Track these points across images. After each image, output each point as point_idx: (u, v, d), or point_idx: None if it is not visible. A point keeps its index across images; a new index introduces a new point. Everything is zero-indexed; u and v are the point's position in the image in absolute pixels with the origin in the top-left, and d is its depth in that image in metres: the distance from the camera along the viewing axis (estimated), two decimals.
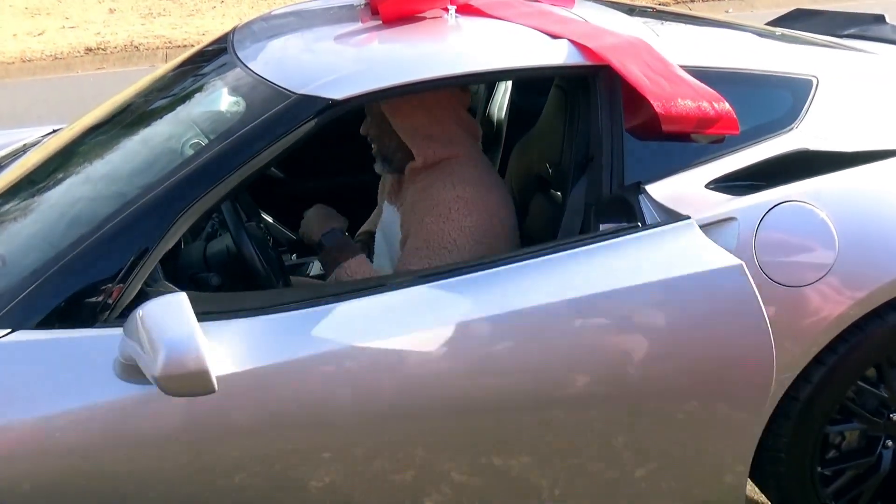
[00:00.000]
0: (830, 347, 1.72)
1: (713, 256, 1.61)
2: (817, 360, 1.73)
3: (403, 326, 1.53)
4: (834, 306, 1.69)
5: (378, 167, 2.01)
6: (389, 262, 2.02)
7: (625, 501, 1.78)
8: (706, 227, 1.66)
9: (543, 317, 1.57)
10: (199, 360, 1.31)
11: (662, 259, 1.61)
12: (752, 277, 1.63)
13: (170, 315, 1.35)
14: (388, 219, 2.04)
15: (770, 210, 1.68)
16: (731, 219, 1.67)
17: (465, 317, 1.55)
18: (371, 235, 2.21)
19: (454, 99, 1.93)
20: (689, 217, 1.66)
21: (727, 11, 8.43)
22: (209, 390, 1.35)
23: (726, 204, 1.69)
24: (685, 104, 1.70)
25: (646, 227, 1.64)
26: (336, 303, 1.55)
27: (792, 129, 1.82)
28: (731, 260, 1.60)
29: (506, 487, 1.69)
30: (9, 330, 1.47)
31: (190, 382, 1.32)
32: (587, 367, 1.60)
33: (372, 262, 2.03)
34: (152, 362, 1.31)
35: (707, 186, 1.73)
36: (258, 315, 1.53)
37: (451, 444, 1.60)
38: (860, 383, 1.83)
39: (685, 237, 1.63)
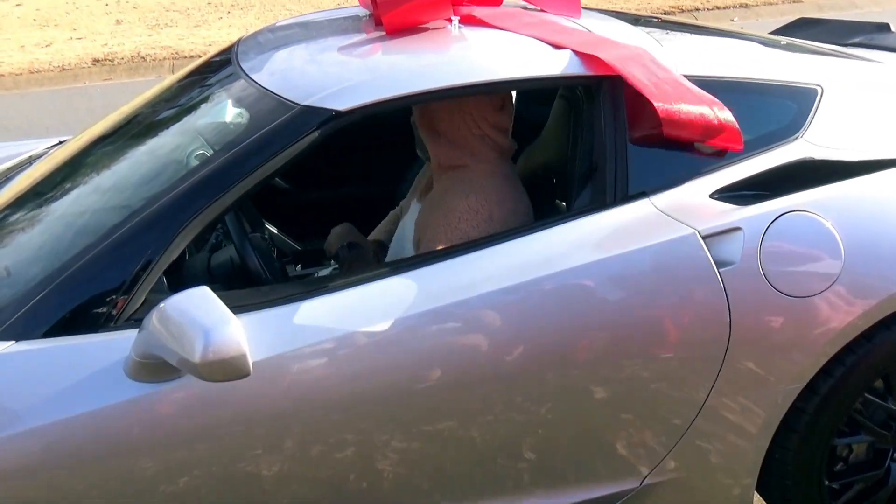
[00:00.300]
0: (837, 358, 1.71)
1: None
2: (824, 371, 1.72)
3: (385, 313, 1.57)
4: (840, 317, 1.68)
5: (419, 151, 2.09)
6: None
7: None
8: (711, 237, 1.66)
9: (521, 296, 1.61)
10: (238, 344, 1.34)
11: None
12: (758, 288, 1.62)
13: (200, 304, 1.38)
14: (408, 215, 2.06)
15: (775, 220, 1.68)
16: (736, 229, 1.67)
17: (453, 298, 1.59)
18: (380, 244, 2.22)
19: (480, 112, 1.92)
20: (693, 229, 1.65)
21: (732, 20, 8.44)
22: (245, 373, 1.37)
23: (731, 214, 1.69)
24: (688, 109, 1.70)
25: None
26: (311, 298, 1.58)
27: (797, 138, 1.81)
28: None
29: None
30: (12, 342, 1.48)
31: (229, 366, 1.35)
32: (567, 357, 1.64)
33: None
34: (190, 351, 1.33)
35: (712, 196, 1.73)
36: (260, 309, 1.55)
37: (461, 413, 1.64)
38: (868, 395, 1.82)
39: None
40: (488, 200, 1.84)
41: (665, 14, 8.66)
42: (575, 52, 1.78)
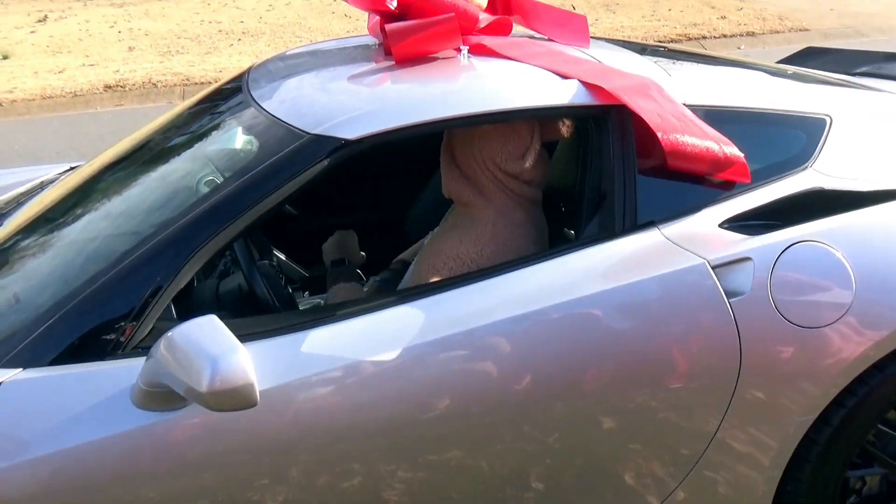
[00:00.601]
0: (849, 389, 1.70)
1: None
2: (836, 402, 1.70)
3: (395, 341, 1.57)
4: (852, 347, 1.66)
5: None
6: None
7: None
8: (720, 267, 1.65)
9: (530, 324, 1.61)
10: (246, 373, 1.34)
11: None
12: (768, 319, 1.61)
13: (208, 333, 1.38)
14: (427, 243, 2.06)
15: (785, 250, 1.67)
16: (746, 259, 1.66)
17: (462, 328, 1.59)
18: (405, 264, 2.21)
19: (490, 155, 1.87)
20: (702, 258, 1.65)
21: (739, 48, 8.48)
22: (252, 403, 1.37)
23: (741, 244, 1.68)
24: (693, 142, 1.70)
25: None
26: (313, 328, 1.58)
27: (806, 168, 1.81)
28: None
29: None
30: (19, 369, 1.48)
31: (237, 396, 1.35)
32: (585, 384, 1.63)
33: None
34: (197, 380, 1.33)
35: (721, 226, 1.72)
36: (268, 338, 1.55)
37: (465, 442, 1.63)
38: (881, 426, 1.80)
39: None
40: (479, 253, 1.82)
41: (672, 42, 8.71)
42: (583, 82, 1.79)
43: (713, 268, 1.65)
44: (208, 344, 1.35)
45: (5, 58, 8.89)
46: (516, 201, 1.90)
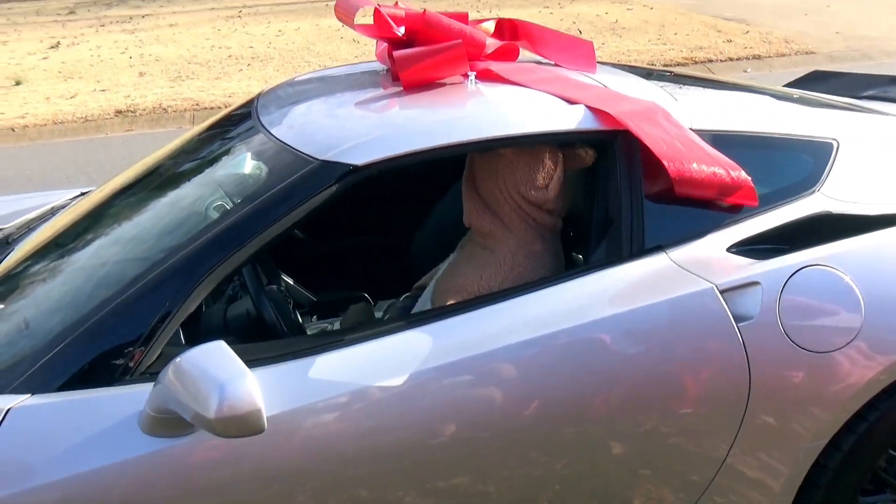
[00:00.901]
0: (860, 415, 1.68)
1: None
2: (847, 427, 1.69)
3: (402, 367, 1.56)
4: (862, 372, 1.65)
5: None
6: None
7: None
8: (729, 292, 1.65)
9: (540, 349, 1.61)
10: (253, 399, 1.34)
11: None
12: (778, 343, 1.60)
13: (216, 359, 1.38)
14: (441, 272, 2.03)
15: (794, 274, 1.67)
16: (755, 283, 1.66)
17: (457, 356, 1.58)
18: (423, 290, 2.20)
19: (514, 183, 1.86)
20: (710, 283, 1.64)
21: (745, 71, 8.51)
22: (260, 430, 1.36)
23: (749, 268, 1.68)
24: (700, 168, 1.70)
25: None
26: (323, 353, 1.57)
27: (814, 192, 1.81)
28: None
29: None
30: (28, 395, 1.48)
31: (244, 422, 1.34)
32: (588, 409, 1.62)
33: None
34: (205, 406, 1.33)
35: (729, 250, 1.72)
36: (276, 363, 1.55)
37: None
38: (892, 452, 1.78)
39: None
40: (501, 285, 1.82)
41: (678, 66, 8.75)
42: (589, 107, 1.80)
43: (721, 292, 1.65)
44: (216, 370, 1.36)
45: (18, 83, 9.00)
46: (537, 231, 1.90)
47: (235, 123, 2.19)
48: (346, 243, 2.76)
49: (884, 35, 10.09)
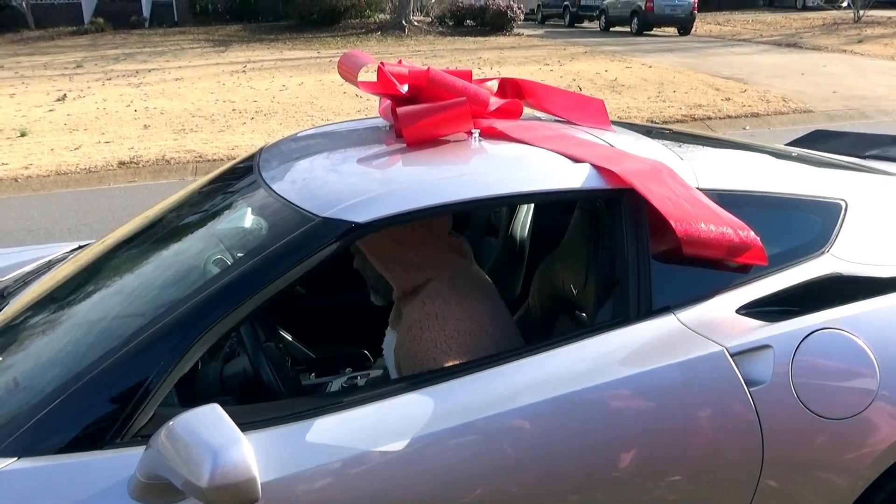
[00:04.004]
0: (879, 485, 1.62)
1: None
2: (865, 498, 1.62)
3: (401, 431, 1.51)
4: (880, 438, 1.60)
5: (373, 298, 2.05)
6: None
7: None
8: (740, 355, 1.60)
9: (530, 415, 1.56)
10: (248, 468, 1.29)
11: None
12: (791, 409, 1.56)
13: (209, 423, 1.33)
14: (387, 344, 2.03)
15: (806, 337, 1.63)
16: (766, 346, 1.62)
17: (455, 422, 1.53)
18: None
19: (427, 224, 1.92)
20: (720, 346, 1.60)
21: (744, 129, 8.60)
22: (254, 499, 1.31)
23: (759, 330, 1.64)
24: (707, 228, 1.67)
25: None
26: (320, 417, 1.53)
27: (823, 252, 1.78)
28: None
29: None
30: (14, 458, 1.43)
31: (237, 491, 1.29)
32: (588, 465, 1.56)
33: None
34: (197, 474, 1.27)
35: (738, 311, 1.69)
36: (272, 426, 1.50)
37: None
38: None
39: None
40: (446, 301, 1.82)
41: (678, 123, 8.84)
42: (595, 165, 1.78)
43: (732, 355, 1.60)
44: (209, 435, 1.31)
45: (23, 134, 9.08)
46: (454, 253, 1.94)
47: (237, 178, 2.17)
48: (346, 298, 2.73)
49: (880, 95, 10.23)
